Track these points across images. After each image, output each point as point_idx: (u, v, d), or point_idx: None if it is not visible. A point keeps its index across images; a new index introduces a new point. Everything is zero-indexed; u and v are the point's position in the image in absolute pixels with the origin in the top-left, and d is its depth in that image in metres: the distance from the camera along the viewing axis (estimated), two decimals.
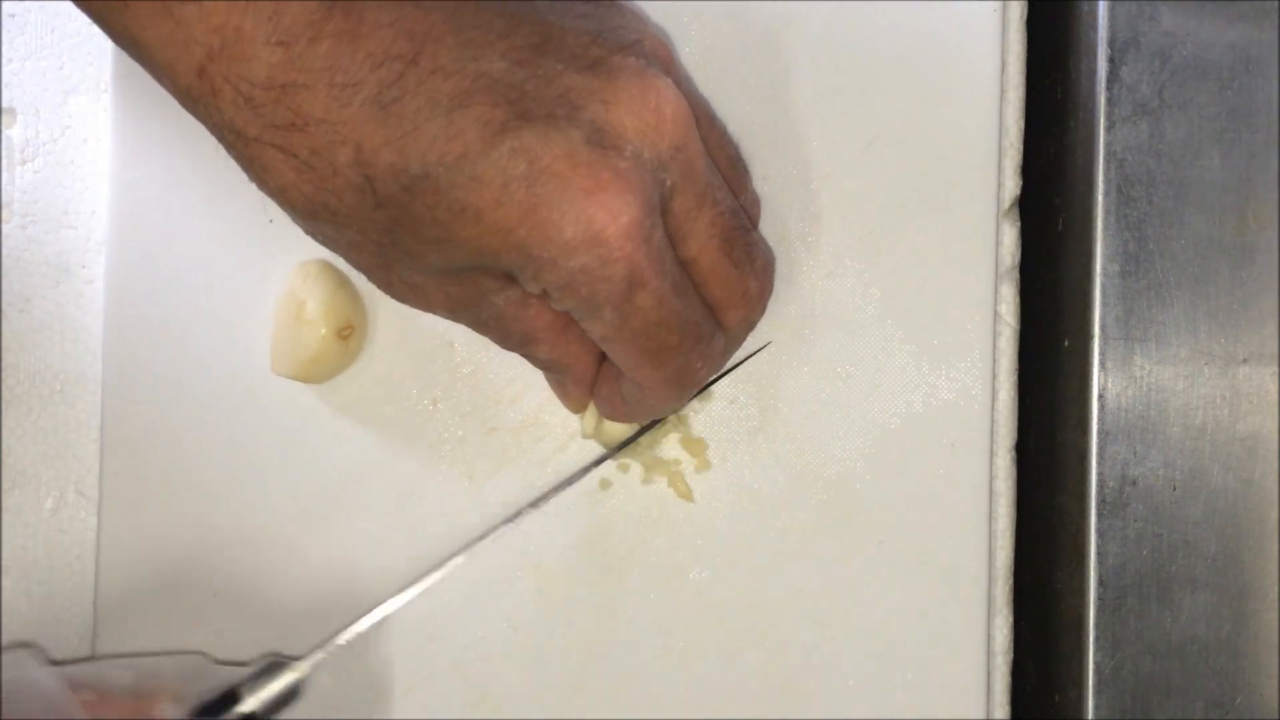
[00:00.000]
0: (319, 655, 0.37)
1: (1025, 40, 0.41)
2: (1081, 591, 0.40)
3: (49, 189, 0.41)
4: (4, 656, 0.37)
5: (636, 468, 0.40)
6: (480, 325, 0.34)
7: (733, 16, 0.40)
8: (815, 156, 0.41)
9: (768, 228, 0.41)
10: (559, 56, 0.29)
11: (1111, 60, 0.40)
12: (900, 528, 0.41)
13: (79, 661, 0.38)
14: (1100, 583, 0.40)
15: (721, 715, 0.40)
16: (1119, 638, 0.40)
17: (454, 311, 0.33)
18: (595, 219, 0.29)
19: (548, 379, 0.38)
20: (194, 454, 0.40)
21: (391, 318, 0.40)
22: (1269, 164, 0.40)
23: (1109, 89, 0.40)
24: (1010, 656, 0.41)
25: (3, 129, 0.41)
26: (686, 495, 0.40)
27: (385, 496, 0.40)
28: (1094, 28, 0.40)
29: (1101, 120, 0.40)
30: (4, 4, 0.41)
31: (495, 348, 0.40)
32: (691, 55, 0.41)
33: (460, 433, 0.40)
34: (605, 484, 0.40)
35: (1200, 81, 0.40)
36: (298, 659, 0.37)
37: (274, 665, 0.36)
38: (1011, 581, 0.41)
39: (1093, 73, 0.40)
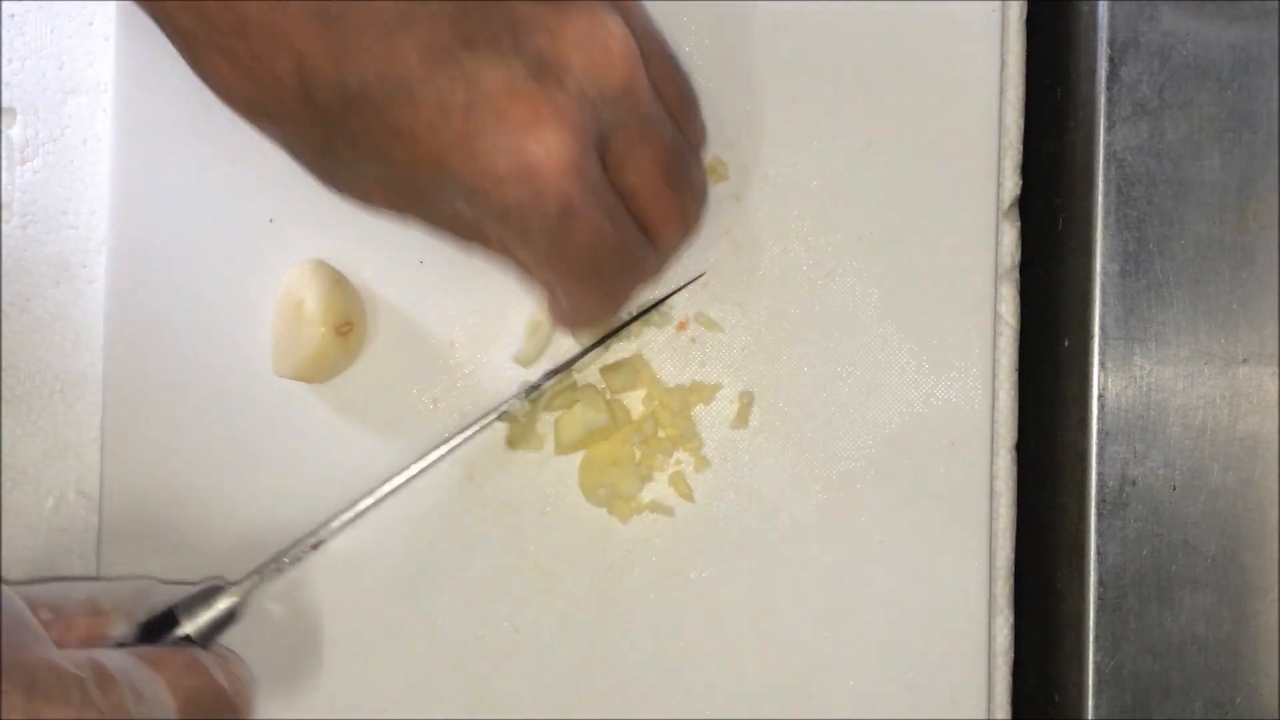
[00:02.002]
0: (255, 580, 0.37)
1: (1025, 40, 0.41)
2: (1081, 591, 0.40)
3: (49, 189, 0.41)
4: None
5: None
6: (428, 228, 0.34)
7: (732, 16, 0.40)
8: (815, 156, 0.41)
9: (768, 228, 0.41)
10: None
11: (1111, 60, 0.40)
12: (900, 528, 0.41)
13: (33, 582, 0.39)
14: (1100, 583, 0.40)
15: (721, 715, 0.40)
16: (1119, 638, 0.40)
17: (399, 212, 0.33)
18: (530, 154, 0.29)
19: (537, 297, 0.38)
20: (194, 454, 0.40)
21: (391, 317, 0.40)
22: (1269, 164, 0.40)
23: (1109, 89, 0.40)
24: (1010, 656, 0.41)
25: (3, 129, 0.41)
26: (686, 495, 0.40)
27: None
28: (1094, 28, 0.40)
29: (1101, 120, 0.40)
30: (4, 4, 0.41)
31: (495, 348, 0.41)
32: (691, 54, 0.41)
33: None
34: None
35: (1200, 81, 0.40)
36: (235, 584, 0.37)
37: (212, 590, 0.37)
38: (1012, 581, 0.41)
39: (1093, 73, 0.40)
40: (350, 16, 0.28)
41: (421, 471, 0.39)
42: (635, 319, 0.40)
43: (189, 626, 0.36)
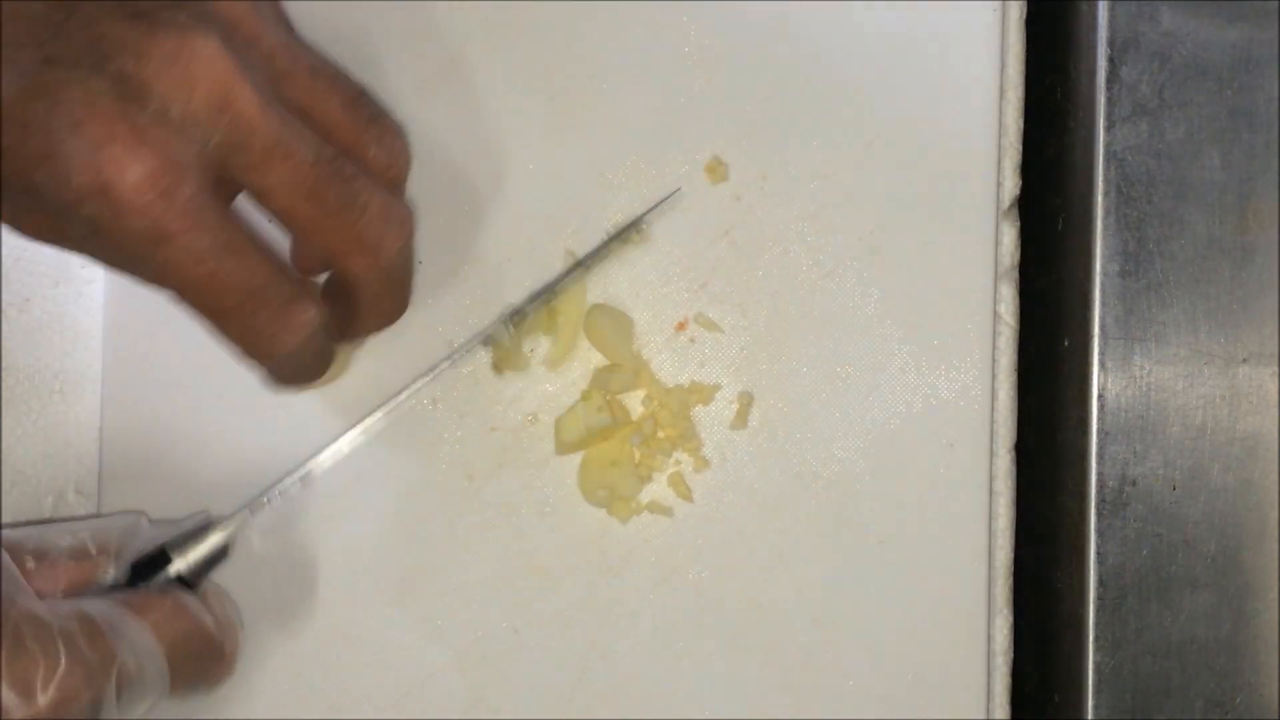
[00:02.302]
0: (244, 514, 0.37)
1: (1025, 40, 0.41)
2: (1081, 591, 0.40)
3: None
4: None
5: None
6: (81, 256, 0.33)
7: (732, 16, 0.40)
8: (815, 156, 0.41)
9: (768, 228, 0.41)
10: (104, 2, 0.29)
11: (1111, 60, 0.40)
12: (900, 528, 0.41)
13: (18, 525, 0.38)
14: (1100, 583, 0.40)
15: (721, 715, 0.40)
16: (1119, 638, 0.40)
17: (52, 244, 0.32)
18: (102, 170, 0.28)
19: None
20: (193, 454, 0.40)
21: None
22: (1269, 164, 0.40)
23: (1109, 89, 0.40)
24: (1010, 656, 0.41)
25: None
26: (686, 495, 0.40)
27: (385, 496, 0.40)
28: (1094, 28, 0.40)
29: (1101, 120, 0.40)
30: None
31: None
32: (691, 54, 0.41)
33: (460, 433, 0.40)
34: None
35: (1200, 81, 0.40)
36: (225, 518, 0.37)
37: (202, 526, 0.37)
38: (1011, 581, 0.41)
39: (1093, 73, 0.40)
40: None
41: (406, 397, 0.39)
42: (613, 239, 0.40)
43: (180, 564, 0.36)
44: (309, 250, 0.35)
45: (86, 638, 0.31)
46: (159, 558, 0.36)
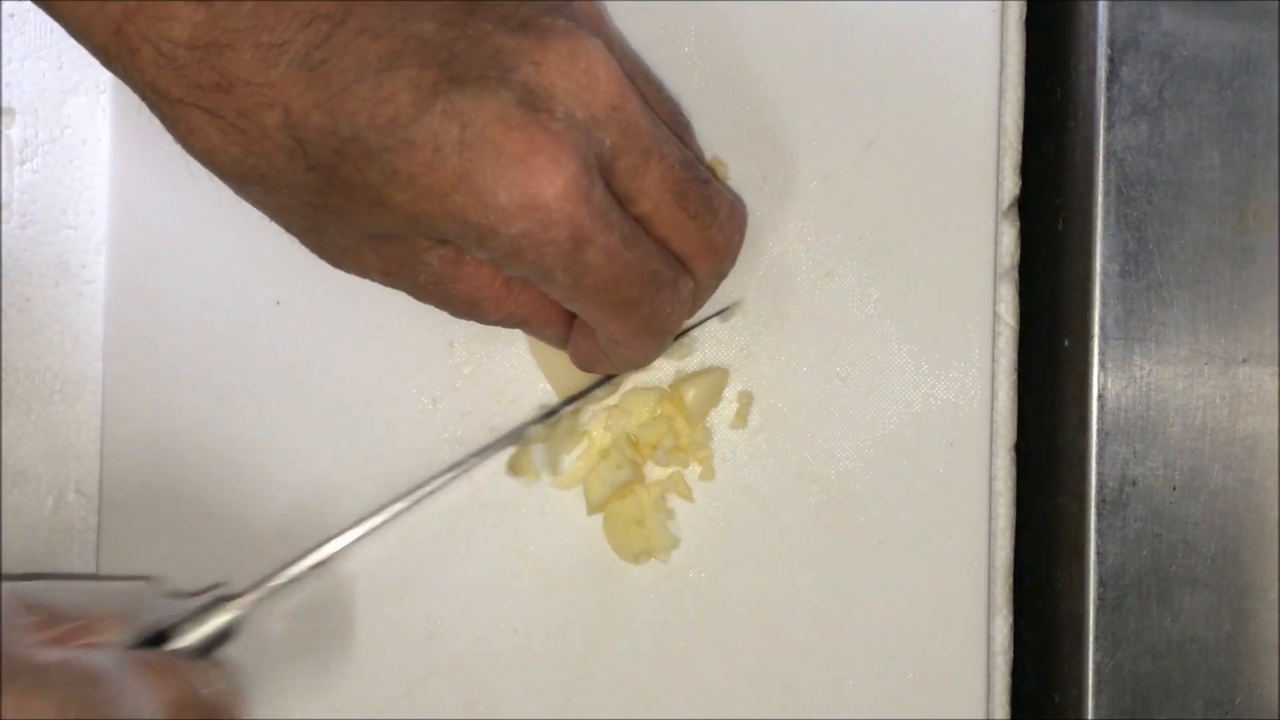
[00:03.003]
0: (257, 597, 0.37)
1: (1025, 40, 0.41)
2: (1081, 591, 0.40)
3: (48, 189, 0.41)
4: None
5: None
6: (420, 291, 0.33)
7: (732, 16, 0.40)
8: (815, 156, 0.41)
9: (769, 229, 0.41)
10: (488, 17, 0.29)
11: (1111, 60, 0.40)
12: (900, 527, 0.41)
13: (27, 578, 0.39)
14: (1100, 583, 0.40)
15: (721, 715, 0.40)
16: (1119, 638, 0.40)
17: (390, 276, 0.33)
18: (531, 183, 0.28)
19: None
20: (194, 454, 0.40)
21: (389, 316, 0.40)
22: (1269, 164, 0.40)
23: (1109, 89, 0.40)
24: (1010, 656, 0.41)
25: (2, 129, 0.41)
26: (686, 495, 0.40)
27: (385, 497, 0.40)
28: (1094, 28, 0.40)
29: (1101, 120, 0.40)
30: (4, 4, 0.41)
31: (495, 347, 0.41)
32: (690, 54, 0.41)
33: (460, 433, 0.40)
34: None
35: (1200, 81, 0.40)
36: (236, 597, 0.37)
37: (212, 604, 0.37)
38: (1011, 581, 0.41)
39: (1093, 73, 0.40)
40: (336, 62, 0.28)
41: (430, 493, 0.39)
42: (670, 343, 0.40)
43: (187, 641, 0.36)
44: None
45: (81, 685, 0.30)
46: (165, 634, 0.36)
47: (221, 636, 0.37)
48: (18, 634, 0.31)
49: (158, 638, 0.36)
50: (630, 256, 0.31)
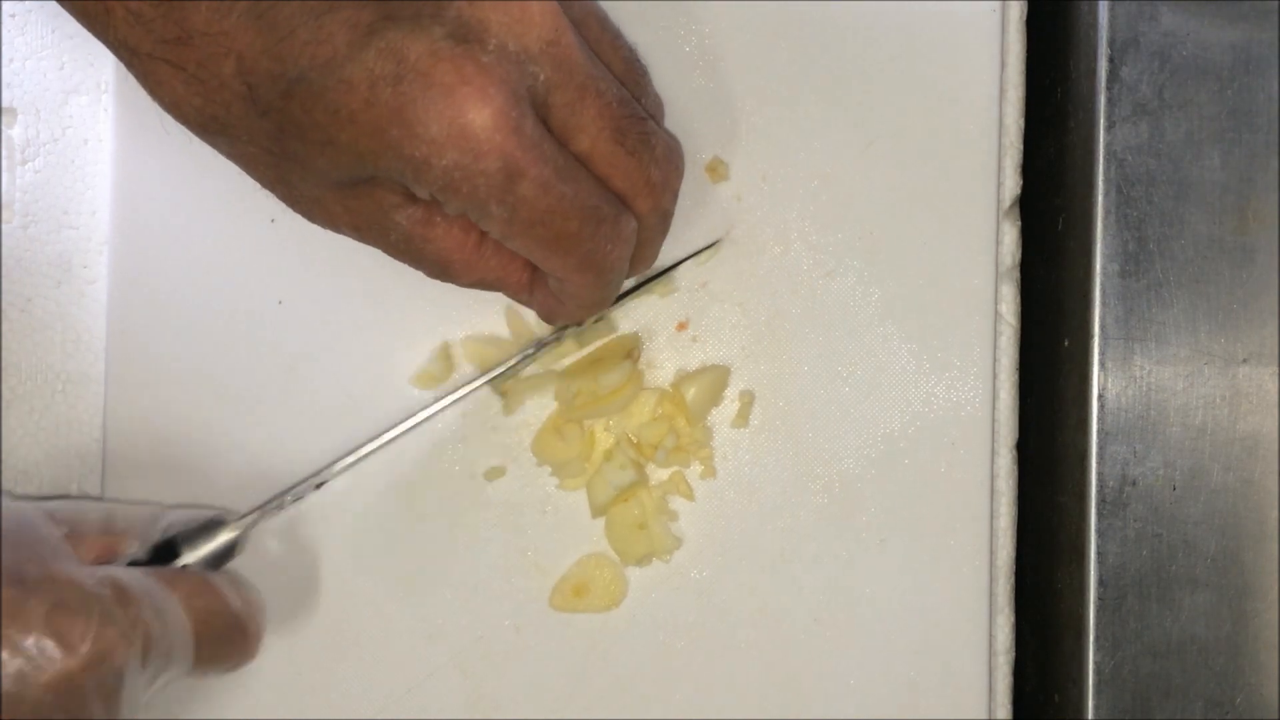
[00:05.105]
0: (257, 515, 0.38)
1: (1025, 40, 0.41)
2: (1081, 591, 0.40)
3: (50, 189, 0.41)
4: None
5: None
6: (393, 250, 0.34)
7: (733, 16, 0.40)
8: (815, 156, 0.41)
9: (769, 229, 0.41)
10: None
11: (1111, 60, 0.40)
12: (901, 527, 0.41)
13: (51, 498, 0.39)
14: (1100, 583, 0.40)
15: (721, 715, 0.40)
16: (1119, 638, 0.40)
17: (360, 230, 0.34)
18: (459, 113, 0.29)
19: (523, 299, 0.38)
20: (196, 453, 0.40)
21: (392, 317, 0.40)
22: (1269, 164, 0.40)
23: (1109, 89, 0.40)
24: (1011, 656, 0.41)
25: (3, 129, 0.41)
26: (687, 495, 0.41)
27: (386, 496, 0.40)
28: (1094, 28, 0.40)
29: (1101, 120, 0.40)
30: (4, 4, 0.41)
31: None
32: (692, 54, 0.41)
33: (461, 432, 0.40)
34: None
35: (1200, 81, 0.40)
36: (240, 516, 0.38)
37: (214, 521, 0.37)
38: (1012, 581, 0.41)
39: (1093, 73, 0.40)
40: (281, 7, 0.29)
41: (418, 424, 0.39)
42: (637, 287, 0.40)
43: (191, 556, 0.36)
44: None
45: (119, 602, 0.31)
46: (173, 545, 0.37)
47: (225, 554, 0.37)
48: (50, 550, 0.32)
49: (168, 551, 0.36)
50: (565, 189, 0.31)
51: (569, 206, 0.32)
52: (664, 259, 0.39)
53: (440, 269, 0.34)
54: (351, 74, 0.29)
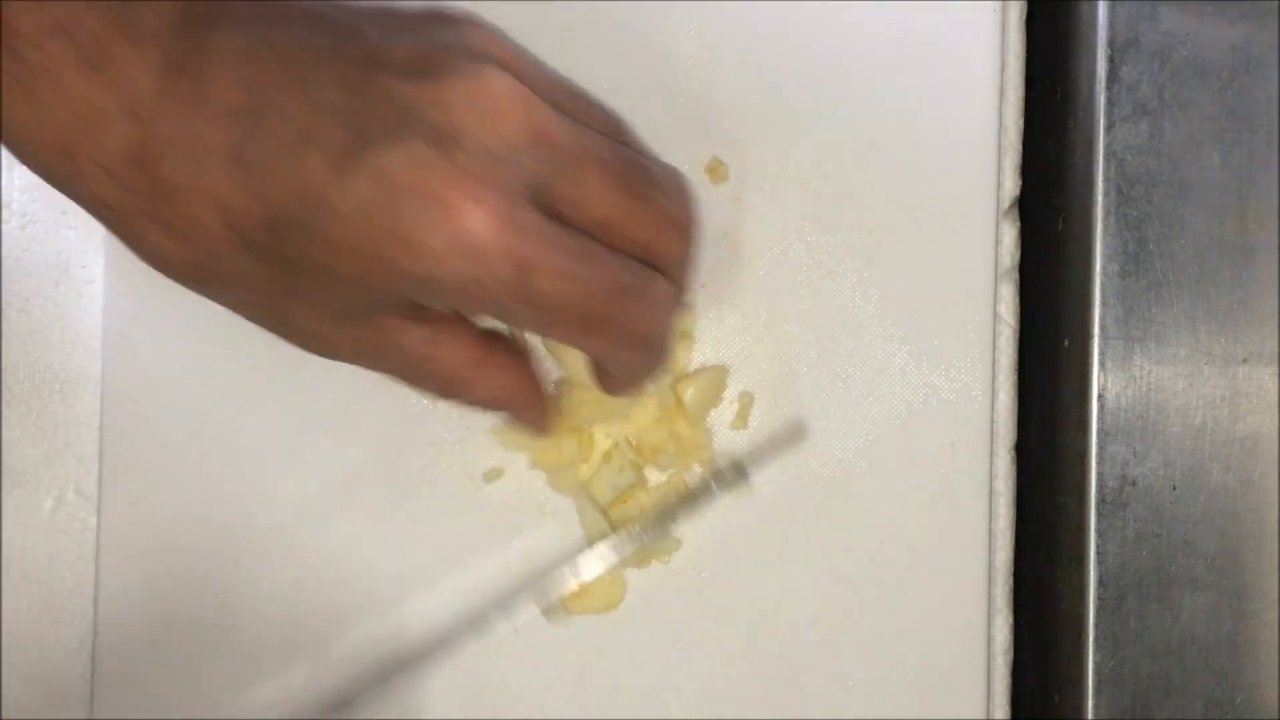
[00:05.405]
0: None
1: (1025, 40, 0.41)
2: (1081, 591, 0.40)
3: (48, 189, 0.41)
4: None
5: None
6: (397, 372, 0.34)
7: (731, 17, 0.40)
8: (815, 156, 0.41)
9: (768, 228, 0.41)
10: (388, 71, 0.29)
11: (1111, 60, 0.40)
12: (900, 527, 0.41)
13: None
14: (1100, 583, 0.40)
15: (721, 715, 0.40)
16: (1119, 638, 0.40)
17: (362, 357, 0.33)
18: (454, 221, 0.28)
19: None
20: (194, 454, 0.40)
21: None
22: (1269, 164, 0.40)
23: (1109, 89, 0.40)
24: (1010, 656, 0.41)
25: None
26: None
27: (386, 496, 0.40)
28: (1094, 28, 0.40)
29: (1101, 120, 0.40)
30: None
31: None
32: (690, 56, 0.41)
33: (460, 433, 0.40)
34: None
35: (1200, 81, 0.40)
36: None
37: None
38: (1011, 581, 0.41)
39: (1093, 73, 0.40)
40: (257, 148, 0.28)
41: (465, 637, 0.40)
42: (683, 504, 0.40)
43: None
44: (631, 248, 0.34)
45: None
46: None
47: None
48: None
49: None
50: (586, 273, 0.30)
51: (594, 289, 0.30)
52: None
53: (449, 387, 0.34)
54: (339, 204, 0.28)
